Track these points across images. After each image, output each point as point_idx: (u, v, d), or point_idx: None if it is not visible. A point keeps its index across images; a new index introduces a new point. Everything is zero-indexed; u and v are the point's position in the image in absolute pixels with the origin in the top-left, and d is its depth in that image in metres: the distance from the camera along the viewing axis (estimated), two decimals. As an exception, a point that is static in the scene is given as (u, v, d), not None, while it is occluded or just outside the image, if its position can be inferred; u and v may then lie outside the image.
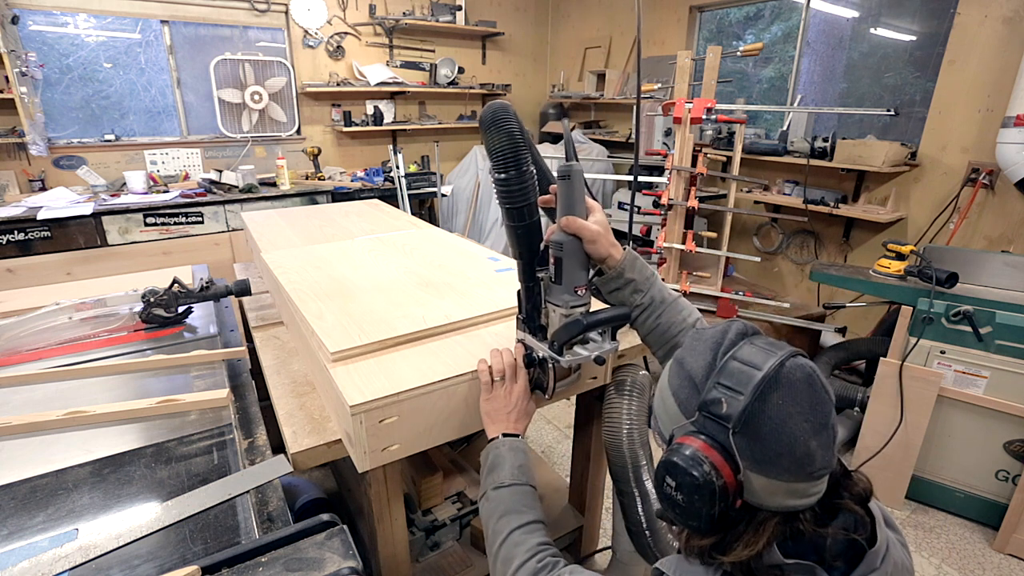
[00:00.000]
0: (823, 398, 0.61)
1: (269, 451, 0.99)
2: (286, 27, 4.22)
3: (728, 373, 0.62)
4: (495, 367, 0.98)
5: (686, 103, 2.33)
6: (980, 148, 2.81)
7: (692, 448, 0.61)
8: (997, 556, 2.01)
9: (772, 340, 0.67)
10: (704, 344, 0.69)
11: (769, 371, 0.60)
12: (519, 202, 0.88)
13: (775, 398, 0.59)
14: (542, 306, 0.97)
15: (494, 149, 0.85)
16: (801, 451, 0.58)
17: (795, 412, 0.59)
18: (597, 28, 4.96)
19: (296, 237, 1.91)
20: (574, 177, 0.89)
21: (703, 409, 0.63)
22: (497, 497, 0.88)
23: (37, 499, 0.86)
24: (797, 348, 0.65)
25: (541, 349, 0.97)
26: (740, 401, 0.59)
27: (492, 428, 0.97)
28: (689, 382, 0.67)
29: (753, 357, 0.63)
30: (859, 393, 2.40)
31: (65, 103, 3.62)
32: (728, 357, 0.64)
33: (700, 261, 2.98)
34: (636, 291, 0.94)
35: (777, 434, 0.59)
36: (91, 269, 3.16)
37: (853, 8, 3.47)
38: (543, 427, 2.79)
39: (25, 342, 1.34)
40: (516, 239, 0.92)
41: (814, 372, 0.62)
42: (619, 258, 0.93)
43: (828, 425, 0.61)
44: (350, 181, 4.24)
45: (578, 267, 0.93)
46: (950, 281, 1.96)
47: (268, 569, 0.69)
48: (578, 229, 0.89)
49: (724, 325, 0.71)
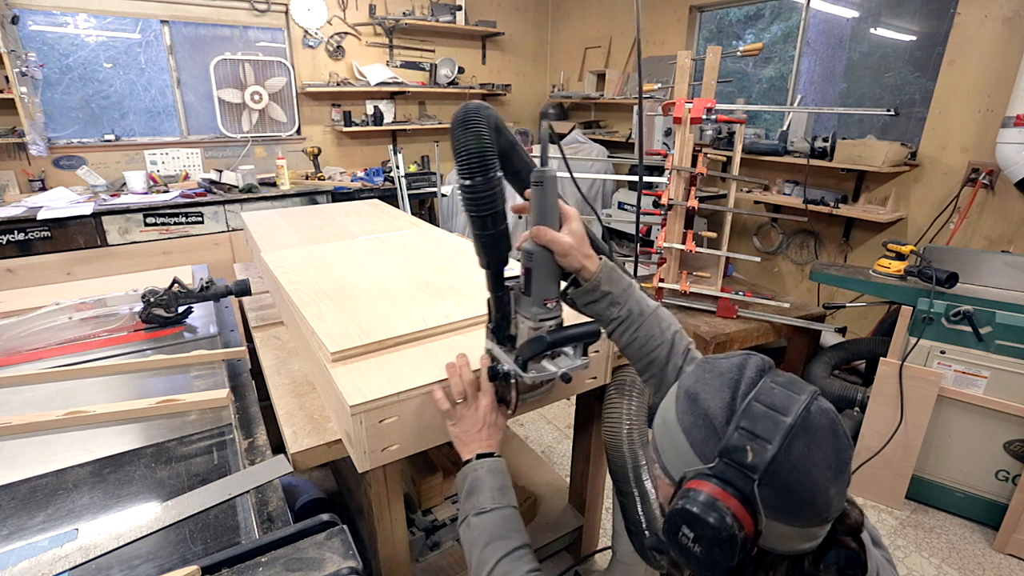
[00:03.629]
0: (844, 444, 0.59)
1: (269, 451, 0.99)
2: (286, 27, 4.22)
3: (752, 417, 0.59)
4: (455, 388, 0.94)
5: (686, 103, 2.33)
6: (980, 148, 2.81)
7: (713, 498, 0.57)
8: (997, 556, 2.01)
9: (790, 377, 0.64)
10: (720, 380, 0.64)
11: (795, 419, 0.57)
12: (485, 210, 0.83)
13: (800, 446, 0.57)
14: (512, 316, 0.93)
15: (460, 152, 0.80)
16: (822, 499, 0.57)
17: (819, 461, 0.57)
18: (597, 28, 4.96)
19: (296, 237, 1.91)
20: (547, 184, 0.85)
21: (724, 456, 0.59)
22: (480, 524, 0.84)
23: (37, 499, 0.86)
24: (814, 386, 0.62)
25: (507, 362, 0.92)
26: (768, 451, 0.56)
27: (465, 450, 0.93)
28: (705, 422, 0.62)
29: (777, 400, 0.59)
30: (859, 393, 2.40)
31: (65, 103, 3.62)
32: (751, 399, 0.60)
33: (700, 261, 2.97)
34: (613, 304, 0.90)
35: (801, 483, 0.56)
36: (91, 269, 3.16)
37: (853, 8, 3.46)
38: (543, 427, 2.79)
39: (25, 342, 1.34)
40: (482, 248, 0.88)
41: (836, 416, 0.60)
42: (594, 270, 0.88)
43: (847, 471, 0.59)
44: (350, 181, 4.24)
45: (549, 279, 0.88)
46: (950, 281, 1.96)
47: (268, 569, 0.69)
48: (549, 242, 0.85)
49: (740, 359, 0.67)
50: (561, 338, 0.89)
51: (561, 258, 0.86)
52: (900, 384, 2.09)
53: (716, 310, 2.57)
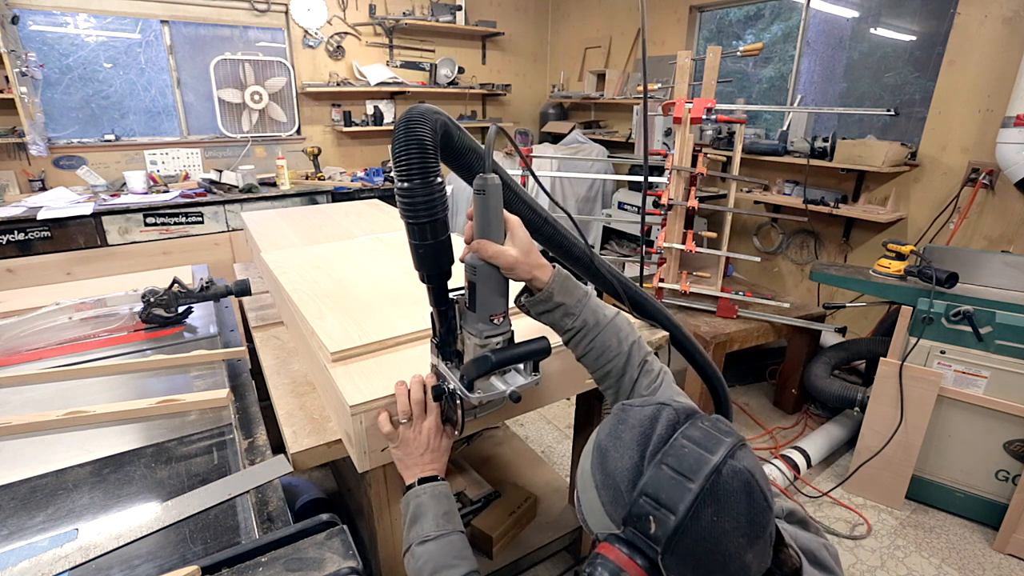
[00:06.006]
0: (761, 507, 0.56)
1: (269, 451, 0.99)
2: (286, 27, 4.22)
3: (657, 484, 0.56)
4: (400, 406, 0.90)
5: (686, 103, 2.33)
6: (980, 148, 2.81)
7: (619, 568, 0.56)
8: (997, 556, 2.01)
9: (710, 426, 0.60)
10: (630, 435, 0.62)
11: (703, 484, 0.54)
12: (423, 217, 0.78)
13: (708, 514, 0.54)
14: (457, 331, 0.88)
15: (397, 153, 0.76)
16: (736, 567, 0.55)
17: (730, 528, 0.54)
18: (597, 28, 4.96)
19: (296, 237, 1.91)
20: (490, 192, 0.78)
21: (629, 524, 0.57)
22: (424, 553, 0.81)
23: (37, 499, 0.86)
24: (738, 435, 0.60)
25: (452, 380, 0.87)
26: (671, 521, 0.54)
27: (407, 474, 0.90)
28: (613, 484, 0.60)
29: (686, 462, 0.56)
30: (859, 393, 2.40)
31: (65, 103, 3.62)
32: (656, 462, 0.58)
33: (700, 261, 2.97)
34: (567, 315, 0.86)
35: (711, 553, 0.54)
36: (91, 269, 3.16)
37: (853, 8, 3.46)
38: (543, 427, 2.79)
39: (25, 342, 1.34)
40: (419, 260, 0.82)
41: (752, 477, 0.56)
42: (546, 280, 0.84)
43: (765, 533, 0.57)
44: (350, 181, 4.24)
45: (494, 294, 0.83)
46: (950, 281, 1.96)
47: (268, 569, 0.69)
48: (491, 257, 0.80)
49: (653, 410, 0.64)
50: (508, 357, 0.84)
51: (507, 272, 0.82)
52: (900, 384, 2.09)
53: (716, 310, 2.57)
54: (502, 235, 0.83)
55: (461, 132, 0.89)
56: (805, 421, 2.81)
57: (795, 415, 2.89)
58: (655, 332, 1.36)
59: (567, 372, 1.18)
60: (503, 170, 0.92)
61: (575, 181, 4.46)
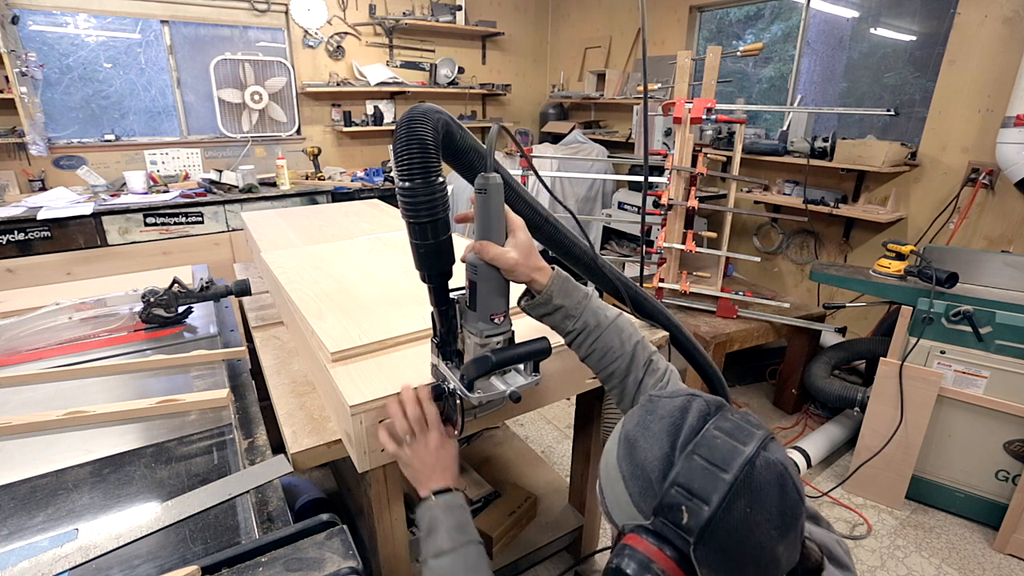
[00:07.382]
0: (793, 500, 0.56)
1: (269, 451, 0.99)
2: (286, 27, 4.22)
3: (690, 473, 0.55)
4: (400, 427, 0.89)
5: (686, 103, 2.33)
6: (980, 148, 2.81)
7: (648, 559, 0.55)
8: (997, 556, 2.01)
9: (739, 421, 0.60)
10: (660, 425, 0.61)
11: (737, 475, 0.54)
12: (424, 217, 0.78)
13: (742, 505, 0.53)
14: (457, 331, 0.88)
15: (399, 152, 0.76)
16: (767, 559, 0.54)
17: (763, 520, 0.53)
18: (597, 28, 4.96)
19: (296, 237, 1.91)
20: (491, 192, 0.79)
21: (660, 514, 0.56)
22: (439, 567, 0.80)
23: (37, 499, 0.86)
24: (767, 428, 0.59)
25: (452, 380, 0.87)
26: (704, 512, 0.53)
27: (421, 488, 0.89)
28: (642, 475, 0.59)
29: (718, 453, 0.56)
30: (859, 393, 2.40)
31: (65, 103, 3.62)
32: (689, 451, 0.57)
33: (700, 261, 2.98)
34: (567, 317, 0.86)
35: (743, 545, 0.53)
36: (91, 269, 3.16)
37: (853, 8, 3.46)
38: (543, 427, 2.79)
39: (25, 342, 1.34)
40: (420, 260, 0.82)
41: (785, 469, 0.56)
42: (545, 282, 0.84)
43: (797, 526, 0.56)
44: (350, 181, 4.24)
45: (495, 294, 0.83)
46: (950, 281, 1.96)
47: (268, 569, 0.69)
48: (492, 259, 0.80)
49: (683, 401, 0.63)
50: (508, 357, 0.83)
51: (507, 274, 0.82)
52: (900, 384, 2.09)
53: (716, 310, 2.57)
54: (503, 235, 0.83)
55: (463, 131, 0.89)
56: (805, 421, 2.81)
57: (795, 415, 2.89)
58: (655, 332, 1.36)
59: (567, 372, 1.18)
60: (504, 169, 0.92)
61: (575, 181, 4.46)
